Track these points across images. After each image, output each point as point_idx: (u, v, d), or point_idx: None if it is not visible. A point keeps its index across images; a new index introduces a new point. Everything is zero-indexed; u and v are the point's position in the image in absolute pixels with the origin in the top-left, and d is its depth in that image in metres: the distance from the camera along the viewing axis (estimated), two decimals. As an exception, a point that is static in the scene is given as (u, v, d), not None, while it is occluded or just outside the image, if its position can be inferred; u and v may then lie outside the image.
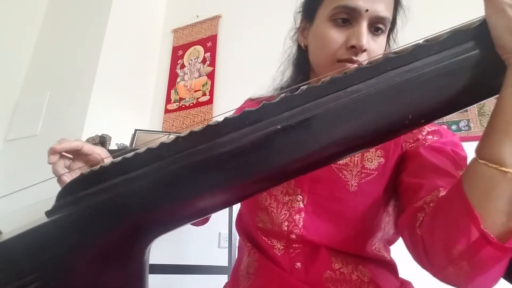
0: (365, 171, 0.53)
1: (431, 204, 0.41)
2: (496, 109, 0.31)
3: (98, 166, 0.31)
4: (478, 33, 0.30)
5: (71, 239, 0.31)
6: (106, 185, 0.31)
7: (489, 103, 1.48)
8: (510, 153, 0.30)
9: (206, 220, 0.72)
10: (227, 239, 1.56)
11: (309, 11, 0.59)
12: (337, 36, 0.51)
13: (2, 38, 2.11)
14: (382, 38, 0.54)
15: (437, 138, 0.52)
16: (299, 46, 0.63)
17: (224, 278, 1.44)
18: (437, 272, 0.38)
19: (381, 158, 0.54)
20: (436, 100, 0.30)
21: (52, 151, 0.49)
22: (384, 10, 0.51)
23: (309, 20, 0.59)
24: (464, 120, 1.50)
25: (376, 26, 0.52)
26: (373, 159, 0.54)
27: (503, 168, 0.29)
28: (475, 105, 1.51)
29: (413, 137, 0.54)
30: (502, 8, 0.29)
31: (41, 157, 0.56)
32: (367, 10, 0.49)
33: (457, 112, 0.32)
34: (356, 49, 0.50)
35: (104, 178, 0.31)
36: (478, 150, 0.33)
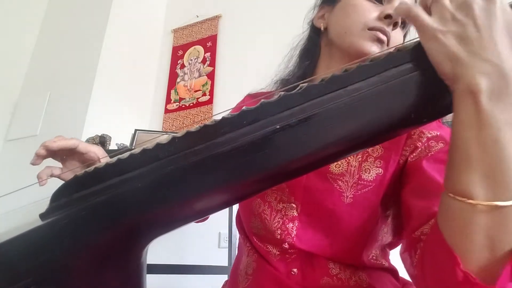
0: (362, 182, 0.50)
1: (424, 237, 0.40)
2: (451, 138, 0.30)
3: (92, 168, 0.31)
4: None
5: (66, 242, 0.30)
6: (101, 187, 0.30)
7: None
8: (473, 183, 0.27)
9: (207, 217, 0.70)
10: (227, 239, 1.56)
11: None
12: (370, 6, 0.52)
13: (2, 38, 2.11)
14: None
15: (442, 145, 0.47)
16: (313, 30, 0.61)
17: (224, 278, 1.43)
18: None
19: (380, 169, 0.50)
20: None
21: (45, 148, 0.48)
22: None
23: (331, 4, 0.58)
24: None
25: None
26: (371, 169, 0.50)
27: (471, 201, 0.27)
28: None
29: (412, 143, 0.50)
30: (435, 36, 0.28)
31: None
32: None
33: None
34: (391, 19, 0.50)
35: (98, 180, 0.30)
36: (445, 182, 0.30)
